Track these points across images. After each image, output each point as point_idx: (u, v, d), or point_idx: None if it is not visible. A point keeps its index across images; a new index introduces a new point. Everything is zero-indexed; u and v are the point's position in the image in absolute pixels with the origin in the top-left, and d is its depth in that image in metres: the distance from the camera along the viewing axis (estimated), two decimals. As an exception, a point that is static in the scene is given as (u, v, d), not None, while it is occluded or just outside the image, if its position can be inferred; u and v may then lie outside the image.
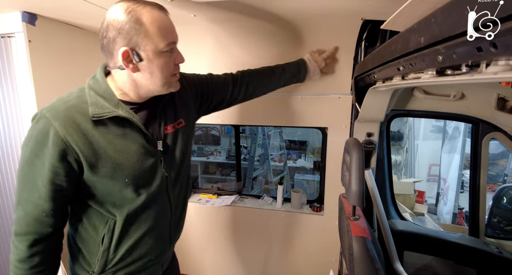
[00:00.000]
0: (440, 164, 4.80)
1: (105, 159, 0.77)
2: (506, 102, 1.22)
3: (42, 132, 0.73)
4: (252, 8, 1.23)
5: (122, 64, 0.75)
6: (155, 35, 0.74)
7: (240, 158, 2.14)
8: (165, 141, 0.90)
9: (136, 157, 0.82)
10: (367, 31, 1.42)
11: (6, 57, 1.30)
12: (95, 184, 0.80)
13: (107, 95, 0.79)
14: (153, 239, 0.92)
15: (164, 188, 0.91)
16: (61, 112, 0.74)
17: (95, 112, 0.75)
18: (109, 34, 0.74)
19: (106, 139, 0.77)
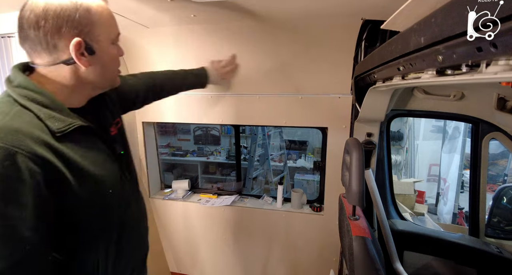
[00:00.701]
0: (440, 164, 4.79)
1: (85, 176, 0.66)
2: (506, 102, 1.22)
3: (4, 166, 0.53)
4: (251, 9, 1.24)
5: (73, 57, 0.63)
6: (107, 24, 0.67)
7: (240, 158, 2.14)
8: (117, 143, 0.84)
9: (109, 165, 0.75)
10: (367, 31, 1.41)
11: (6, 57, 1.30)
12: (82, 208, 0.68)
13: (55, 106, 0.64)
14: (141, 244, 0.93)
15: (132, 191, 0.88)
16: (18, 132, 0.56)
17: (56, 127, 0.62)
18: (50, 23, 0.60)
19: (78, 154, 0.65)
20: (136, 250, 0.91)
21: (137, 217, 0.90)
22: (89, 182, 0.67)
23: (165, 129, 4.72)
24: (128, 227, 0.83)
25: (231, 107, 1.82)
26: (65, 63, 0.65)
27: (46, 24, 0.60)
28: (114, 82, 0.78)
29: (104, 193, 0.72)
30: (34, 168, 0.56)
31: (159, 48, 1.73)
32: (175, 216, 2.08)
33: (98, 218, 0.73)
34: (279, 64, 1.64)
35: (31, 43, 0.63)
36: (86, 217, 0.70)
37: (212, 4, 1.17)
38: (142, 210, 0.94)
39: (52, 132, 0.61)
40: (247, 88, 1.75)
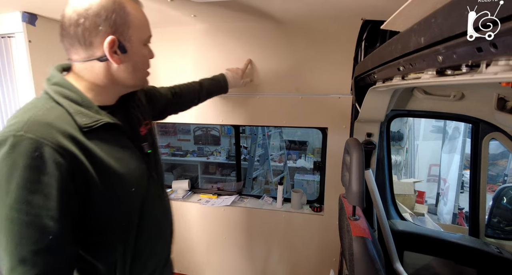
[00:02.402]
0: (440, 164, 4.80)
1: (109, 172, 0.68)
2: (506, 102, 1.22)
3: (31, 156, 0.56)
4: (251, 9, 1.24)
5: (106, 54, 0.67)
6: (141, 25, 0.71)
7: (240, 158, 2.14)
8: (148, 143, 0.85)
9: (134, 163, 0.76)
10: (367, 31, 1.42)
11: (6, 57, 1.30)
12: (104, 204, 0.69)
13: (85, 102, 0.68)
14: (163, 245, 0.91)
15: (159, 191, 0.89)
16: (48, 126, 0.59)
17: (83, 122, 0.65)
18: (89, 21, 0.65)
19: (103, 150, 0.67)
20: (157, 252, 0.89)
21: (159, 218, 0.88)
22: (112, 178, 0.69)
23: (165, 129, 4.72)
24: (148, 228, 0.83)
25: (231, 107, 1.82)
26: (98, 59, 0.68)
27: (85, 22, 0.65)
28: (144, 82, 0.80)
29: (126, 190, 0.73)
30: (60, 161, 0.58)
31: (159, 48, 1.73)
32: (175, 216, 2.07)
33: (118, 216, 0.73)
34: (279, 64, 1.65)
35: (70, 40, 0.68)
36: (106, 215, 0.71)
37: (212, 4, 1.17)
38: (166, 211, 0.94)
39: (79, 127, 0.64)
40: (247, 88, 1.75)
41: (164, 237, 0.92)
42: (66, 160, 0.59)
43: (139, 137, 0.83)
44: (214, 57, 1.72)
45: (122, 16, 0.67)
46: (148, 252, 0.84)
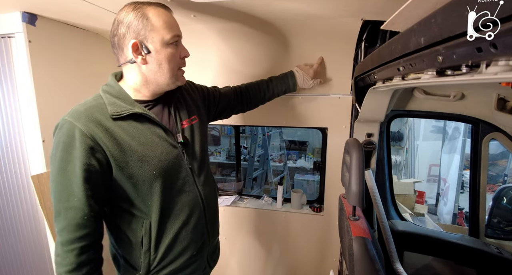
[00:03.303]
0: (440, 164, 4.80)
1: (131, 154, 0.81)
2: (506, 103, 1.22)
3: (68, 135, 0.75)
4: (251, 9, 1.24)
5: (132, 56, 0.81)
6: (161, 28, 0.81)
7: (240, 158, 2.14)
8: (184, 134, 0.96)
9: (160, 149, 0.86)
10: (367, 32, 1.42)
11: (6, 57, 1.30)
12: (125, 182, 0.82)
13: (122, 95, 0.84)
14: (190, 233, 0.94)
15: (191, 179, 0.94)
16: (82, 113, 0.78)
17: (114, 111, 0.80)
18: (119, 31, 0.81)
19: (129, 135, 0.81)
20: (183, 239, 0.93)
21: (188, 207, 0.93)
22: (133, 158, 0.81)
23: (165, 129, 4.72)
24: (173, 213, 0.90)
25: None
26: (129, 62, 0.83)
27: (117, 33, 0.81)
28: (176, 79, 0.89)
29: (147, 171, 0.83)
30: (85, 140, 0.75)
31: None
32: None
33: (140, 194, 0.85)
34: (279, 64, 1.64)
35: (114, 49, 0.85)
36: (128, 190, 0.84)
37: (212, 4, 1.17)
38: (199, 203, 0.96)
39: (110, 114, 0.80)
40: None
41: (194, 225, 0.95)
42: (91, 139, 0.76)
43: (176, 128, 0.94)
44: (214, 57, 1.72)
45: (144, 22, 0.79)
46: (174, 235, 0.91)
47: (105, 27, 1.53)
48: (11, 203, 1.46)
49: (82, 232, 0.78)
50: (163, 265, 0.92)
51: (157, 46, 0.81)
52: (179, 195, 0.91)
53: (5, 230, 1.50)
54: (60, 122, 0.79)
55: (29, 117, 1.31)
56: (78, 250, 0.78)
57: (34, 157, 1.36)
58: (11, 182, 1.44)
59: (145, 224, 0.87)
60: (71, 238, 0.77)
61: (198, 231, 0.97)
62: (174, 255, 0.93)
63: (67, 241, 0.77)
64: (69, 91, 1.45)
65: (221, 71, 1.77)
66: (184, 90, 1.07)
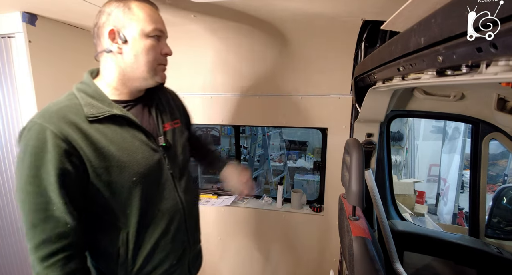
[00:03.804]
0: (440, 164, 4.80)
1: (109, 160, 0.74)
2: (506, 103, 1.22)
3: (38, 138, 0.67)
4: (251, 9, 1.23)
5: (108, 45, 0.77)
6: (142, 19, 0.77)
7: (240, 158, 2.14)
8: (165, 137, 0.89)
9: (140, 154, 0.80)
10: (367, 32, 1.42)
11: (6, 57, 1.30)
12: (103, 189, 0.75)
13: (98, 96, 0.77)
14: (170, 242, 0.89)
15: (172, 185, 0.89)
16: (54, 113, 0.70)
17: (90, 112, 0.73)
18: (100, 20, 0.78)
19: (107, 138, 0.74)
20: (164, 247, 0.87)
21: (168, 214, 0.87)
22: (111, 164, 0.75)
23: (165, 129, 4.71)
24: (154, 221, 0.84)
25: (231, 107, 1.82)
26: (105, 51, 0.79)
27: (98, 22, 0.78)
28: (154, 74, 0.83)
29: (126, 178, 0.77)
30: (59, 143, 0.68)
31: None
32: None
33: (119, 202, 0.79)
34: (279, 64, 1.65)
35: (94, 39, 0.82)
36: (107, 198, 0.77)
37: (212, 4, 1.17)
38: (180, 210, 0.91)
39: (86, 116, 0.73)
40: (247, 88, 1.75)
41: (174, 233, 0.89)
42: (65, 143, 0.68)
43: (157, 130, 0.88)
44: (214, 57, 1.72)
45: (125, 11, 0.76)
46: (153, 245, 0.85)
47: (105, 27, 1.53)
48: (11, 203, 1.46)
49: (65, 242, 0.70)
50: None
51: (135, 36, 0.77)
52: (159, 202, 0.85)
53: (5, 230, 1.50)
54: (27, 125, 0.70)
55: (29, 117, 1.31)
56: (62, 261, 0.70)
57: (34, 157, 1.36)
58: (11, 182, 1.44)
59: (123, 233, 0.80)
60: (52, 250, 0.69)
61: (178, 240, 0.92)
62: (153, 265, 0.87)
63: (48, 254, 0.69)
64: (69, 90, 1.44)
65: (219, 70, 1.77)
66: (169, 94, 1.02)
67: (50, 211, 0.68)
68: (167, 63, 0.86)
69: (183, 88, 1.85)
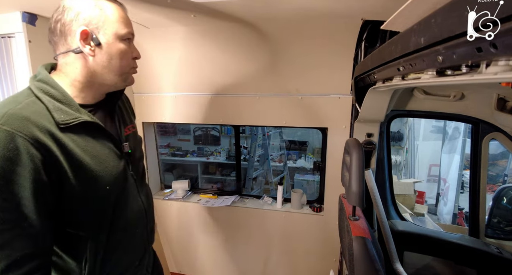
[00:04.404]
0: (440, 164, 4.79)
1: (84, 170, 0.70)
2: (506, 103, 1.22)
3: (7, 148, 0.58)
4: (251, 9, 1.23)
5: (79, 45, 0.71)
6: (116, 21, 0.74)
7: (240, 158, 2.14)
8: (129, 144, 0.87)
9: (112, 162, 0.77)
10: (367, 32, 1.42)
11: (6, 57, 1.30)
12: (76, 200, 0.70)
13: (66, 100, 0.70)
14: (136, 245, 0.90)
15: (136, 191, 0.88)
16: (25, 120, 0.62)
17: (61, 119, 0.67)
18: (66, 17, 0.70)
19: (80, 147, 0.70)
20: (130, 251, 0.88)
21: (134, 218, 0.87)
22: (86, 175, 0.70)
23: (165, 130, 4.72)
24: (121, 227, 0.82)
25: (231, 107, 1.82)
26: (74, 51, 0.72)
27: (62, 18, 0.71)
28: (126, 78, 0.81)
29: (100, 188, 0.74)
30: (35, 153, 0.61)
31: (159, 48, 1.73)
32: (175, 217, 2.08)
33: (91, 211, 0.74)
34: (279, 64, 1.65)
35: (54, 36, 0.73)
36: (79, 209, 0.72)
37: (212, 4, 1.17)
38: (141, 212, 0.91)
39: (57, 123, 0.66)
40: (247, 88, 1.75)
41: (139, 237, 0.90)
42: (40, 153, 0.62)
43: (120, 137, 0.85)
44: (214, 56, 1.72)
45: (98, 12, 0.72)
46: (121, 250, 0.84)
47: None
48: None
49: (38, 262, 0.63)
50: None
51: (109, 39, 0.73)
52: (127, 208, 0.84)
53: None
54: None
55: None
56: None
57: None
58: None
59: (91, 245, 0.75)
60: (24, 272, 0.61)
61: (141, 242, 0.92)
62: (121, 270, 0.85)
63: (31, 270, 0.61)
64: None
65: (219, 70, 1.77)
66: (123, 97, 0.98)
67: (22, 229, 0.60)
68: (137, 66, 0.84)
69: (183, 88, 1.85)
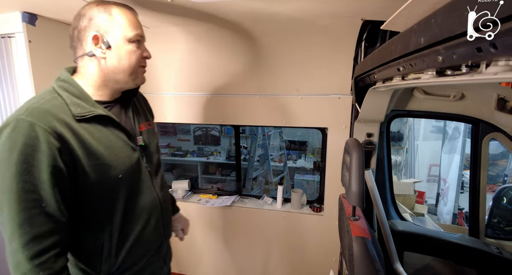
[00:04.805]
0: (440, 164, 4.79)
1: (98, 158, 0.77)
2: (506, 103, 1.22)
3: (28, 136, 0.67)
4: (251, 9, 1.23)
5: (91, 49, 0.80)
6: (124, 25, 0.81)
7: (240, 158, 2.14)
8: (143, 137, 0.95)
9: (124, 153, 0.85)
10: (367, 32, 1.42)
11: (6, 57, 1.30)
12: (90, 187, 0.77)
13: (83, 96, 0.79)
14: (150, 234, 0.94)
15: (150, 182, 0.94)
16: (45, 112, 0.71)
17: (78, 112, 0.75)
18: (81, 24, 0.80)
19: (94, 137, 0.78)
20: (145, 239, 0.93)
21: (148, 207, 0.93)
22: (100, 164, 0.78)
23: (165, 129, 4.72)
24: (135, 215, 0.89)
25: (231, 107, 1.82)
26: (87, 54, 0.81)
27: (78, 25, 0.80)
28: (136, 77, 0.88)
29: (113, 176, 0.81)
30: (53, 141, 0.69)
31: (159, 48, 1.73)
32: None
33: (105, 199, 0.82)
34: (279, 64, 1.65)
35: (72, 41, 0.83)
36: (93, 196, 0.80)
37: (212, 4, 1.17)
38: (157, 205, 0.96)
39: (73, 115, 0.75)
40: (247, 88, 1.75)
41: (154, 226, 0.95)
42: (58, 141, 0.70)
43: (135, 131, 0.93)
44: (214, 56, 1.72)
45: (107, 17, 0.80)
46: (135, 238, 0.90)
47: (105, 27, 1.53)
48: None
49: (55, 239, 0.71)
50: (124, 268, 0.89)
51: (118, 42, 0.81)
52: (140, 198, 0.90)
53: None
54: (11, 122, 0.69)
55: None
56: (52, 259, 0.71)
57: (34, 157, 1.36)
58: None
59: (107, 229, 0.83)
60: (43, 247, 0.69)
61: (157, 232, 0.97)
62: (135, 257, 0.91)
63: (39, 252, 0.69)
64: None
65: (218, 70, 1.77)
66: (140, 97, 1.07)
67: (40, 208, 0.69)
68: (146, 65, 0.90)
69: (183, 88, 1.85)
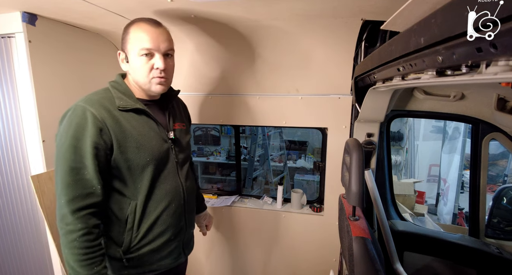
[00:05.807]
0: (440, 164, 4.79)
1: (131, 140, 0.95)
2: (506, 103, 1.22)
3: (82, 117, 0.89)
4: (251, 9, 1.23)
5: (120, 63, 1.03)
6: (134, 41, 0.96)
7: (240, 158, 2.14)
8: (174, 133, 1.11)
9: (154, 141, 1.02)
10: (367, 32, 1.42)
11: (6, 57, 1.30)
12: (122, 164, 0.94)
13: (127, 93, 1.01)
14: (170, 217, 1.07)
15: (175, 171, 1.09)
16: (95, 101, 0.93)
17: (120, 104, 0.96)
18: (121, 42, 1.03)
19: (131, 125, 0.97)
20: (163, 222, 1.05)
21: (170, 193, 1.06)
22: (132, 146, 0.96)
23: (165, 129, 4.71)
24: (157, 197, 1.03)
25: (231, 107, 1.82)
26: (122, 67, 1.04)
27: None
28: (150, 87, 1.02)
29: (142, 157, 0.98)
30: (97, 123, 0.90)
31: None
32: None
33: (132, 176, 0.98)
34: (279, 64, 1.65)
35: None
36: (123, 171, 0.96)
37: (212, 4, 1.17)
38: (180, 193, 1.10)
39: (117, 106, 0.96)
40: (247, 88, 1.76)
41: (174, 211, 1.08)
42: (101, 123, 0.90)
43: (168, 127, 1.10)
44: (214, 56, 1.72)
45: (125, 36, 0.99)
46: (155, 218, 1.03)
47: (105, 27, 1.53)
48: (11, 203, 1.46)
49: (92, 200, 0.89)
50: (142, 244, 1.02)
51: (131, 57, 0.98)
52: (164, 182, 1.05)
53: (5, 230, 1.50)
54: (73, 107, 0.92)
55: (29, 117, 1.32)
56: (88, 215, 0.88)
57: (34, 157, 1.36)
58: (11, 182, 1.44)
59: (132, 204, 0.99)
60: (82, 205, 0.87)
61: (177, 217, 1.09)
62: (154, 235, 1.04)
63: (79, 208, 0.87)
64: (69, 91, 1.44)
65: (219, 70, 1.77)
66: (181, 105, 1.27)
67: (83, 175, 0.88)
68: (163, 75, 1.00)
69: (183, 88, 1.85)
